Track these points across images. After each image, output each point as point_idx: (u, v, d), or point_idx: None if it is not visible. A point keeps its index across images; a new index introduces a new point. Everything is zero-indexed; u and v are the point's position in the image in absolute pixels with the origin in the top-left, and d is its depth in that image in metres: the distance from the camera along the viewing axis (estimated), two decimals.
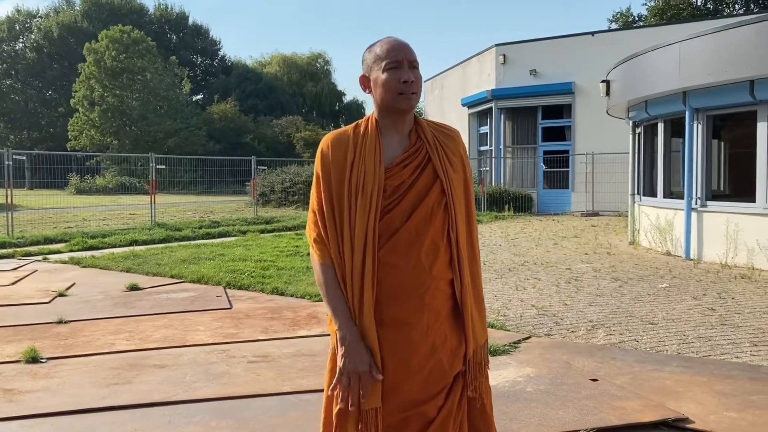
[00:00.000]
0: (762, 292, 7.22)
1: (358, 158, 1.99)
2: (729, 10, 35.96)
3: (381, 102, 2.03)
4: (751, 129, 8.88)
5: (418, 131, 2.07)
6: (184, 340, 5.37)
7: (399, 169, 2.00)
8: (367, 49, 2.09)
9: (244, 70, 61.13)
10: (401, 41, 2.04)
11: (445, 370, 1.98)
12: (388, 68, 1.98)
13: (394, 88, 1.97)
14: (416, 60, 2.02)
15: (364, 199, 1.95)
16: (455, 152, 2.09)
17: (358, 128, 2.06)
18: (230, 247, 11.49)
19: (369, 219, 1.94)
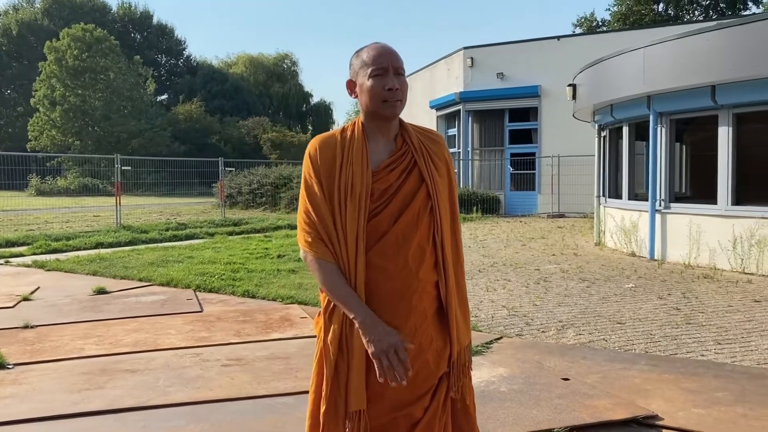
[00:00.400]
0: (724, 292, 7.42)
1: (346, 162, 2.01)
2: (689, 16, 36.87)
3: (366, 108, 2.05)
4: (713, 133, 9.13)
5: (404, 136, 2.09)
6: (155, 344, 5.30)
7: (386, 173, 2.02)
8: (355, 54, 2.10)
9: (210, 71, 60.49)
10: (388, 48, 2.05)
11: (432, 371, 2.02)
12: (373, 75, 1.99)
13: (378, 95, 1.99)
14: (402, 67, 2.04)
15: (353, 203, 1.96)
16: (440, 157, 2.13)
17: (345, 132, 2.08)
18: (199, 249, 11.37)
19: (358, 222, 1.96)
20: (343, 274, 1.96)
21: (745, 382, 4.37)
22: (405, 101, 2.04)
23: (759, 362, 4.85)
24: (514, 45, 21.89)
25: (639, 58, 9.80)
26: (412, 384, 1.96)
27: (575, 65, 14.22)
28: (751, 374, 4.54)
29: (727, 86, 8.61)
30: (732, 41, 8.46)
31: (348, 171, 1.99)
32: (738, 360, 4.91)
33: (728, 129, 8.88)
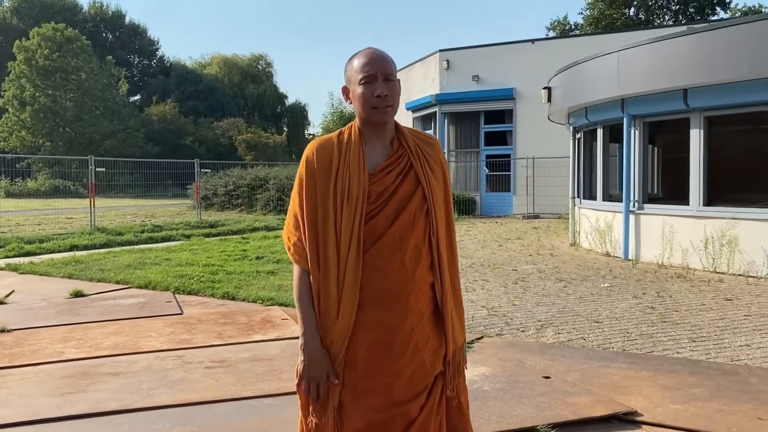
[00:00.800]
0: (696, 291, 7.59)
1: (343, 165, 2.04)
2: (659, 20, 37.52)
3: (359, 114, 2.09)
4: (685, 135, 9.33)
5: (400, 139, 2.13)
6: (136, 346, 5.27)
7: (382, 176, 2.06)
8: (348, 61, 2.13)
9: (184, 71, 59.90)
10: (378, 54, 2.07)
11: (427, 370, 2.06)
12: (362, 82, 2.03)
13: (368, 102, 2.02)
14: (392, 73, 2.06)
15: (350, 205, 2.00)
16: (436, 160, 2.17)
17: (342, 136, 2.12)
18: (176, 251, 11.29)
19: (355, 224, 1.99)
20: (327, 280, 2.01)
21: (719, 378, 4.49)
22: (397, 106, 2.07)
23: (732, 359, 4.98)
24: (490, 48, 22.09)
25: (613, 62, 9.98)
26: (408, 383, 2.01)
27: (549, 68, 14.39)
28: (725, 371, 4.67)
29: (698, 90, 8.81)
30: (703, 46, 8.66)
31: (345, 174, 2.03)
32: (712, 357, 5.04)
33: (700, 132, 9.09)
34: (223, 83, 60.44)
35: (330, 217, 2.02)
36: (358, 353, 2.01)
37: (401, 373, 2.00)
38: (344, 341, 2.00)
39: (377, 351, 2.00)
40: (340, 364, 2.01)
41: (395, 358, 2.00)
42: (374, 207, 2.03)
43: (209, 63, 64.13)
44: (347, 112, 30.86)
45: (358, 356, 2.01)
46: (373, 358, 2.00)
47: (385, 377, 2.00)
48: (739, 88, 8.32)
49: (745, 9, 36.76)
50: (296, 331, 5.76)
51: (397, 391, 2.00)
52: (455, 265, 2.19)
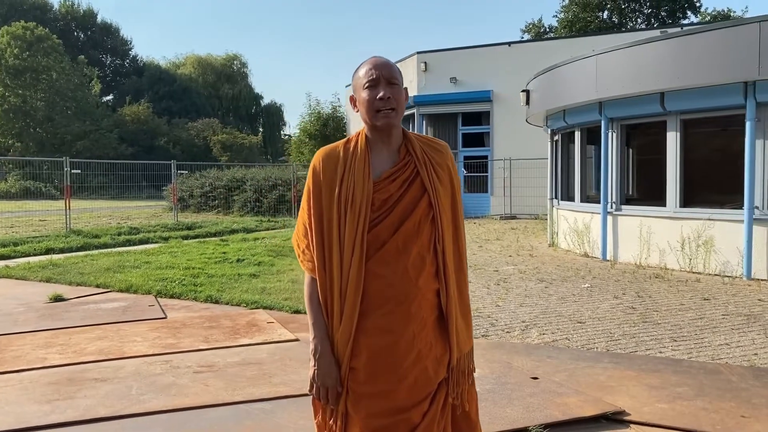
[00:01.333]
0: (675, 291, 7.74)
1: (348, 173, 2.06)
2: (632, 23, 38.10)
3: (364, 120, 2.11)
4: (662, 138, 9.49)
5: (407, 146, 2.14)
6: (121, 351, 5.22)
7: (387, 183, 2.07)
8: (355, 71, 2.16)
9: (157, 71, 59.29)
10: (381, 59, 2.10)
11: (430, 377, 2.06)
12: (366, 86, 2.06)
13: (371, 105, 2.04)
14: (395, 77, 2.07)
15: (353, 213, 2.02)
16: (443, 166, 2.17)
17: (349, 144, 2.14)
18: (155, 254, 11.18)
19: (357, 232, 2.01)
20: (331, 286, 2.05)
21: (702, 377, 4.59)
22: (402, 111, 2.09)
23: (713, 358, 5.09)
24: (467, 50, 22.23)
25: (591, 66, 10.12)
26: (411, 390, 2.02)
27: (526, 71, 14.56)
28: (707, 369, 4.77)
29: (675, 93, 8.97)
30: (680, 50, 8.83)
31: (349, 182, 2.05)
32: (694, 356, 5.14)
33: (676, 134, 9.26)
34: (198, 83, 59.95)
35: (334, 225, 2.05)
36: (360, 359, 2.03)
37: (404, 379, 2.02)
38: (346, 347, 2.02)
39: (379, 357, 2.02)
40: (345, 371, 2.03)
41: (397, 364, 2.02)
42: (378, 215, 2.05)
43: (183, 63, 63.54)
44: (325, 113, 30.77)
45: (360, 362, 2.03)
46: (375, 365, 2.02)
47: (387, 383, 2.01)
48: (714, 91, 8.50)
49: (714, 13, 37.51)
50: (283, 335, 5.77)
51: (399, 398, 2.01)
52: (463, 272, 2.19)
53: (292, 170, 22.06)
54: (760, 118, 8.28)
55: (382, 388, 2.01)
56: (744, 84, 8.18)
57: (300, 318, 6.49)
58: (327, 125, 30.30)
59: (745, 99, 8.21)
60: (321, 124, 30.29)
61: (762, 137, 8.31)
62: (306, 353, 5.12)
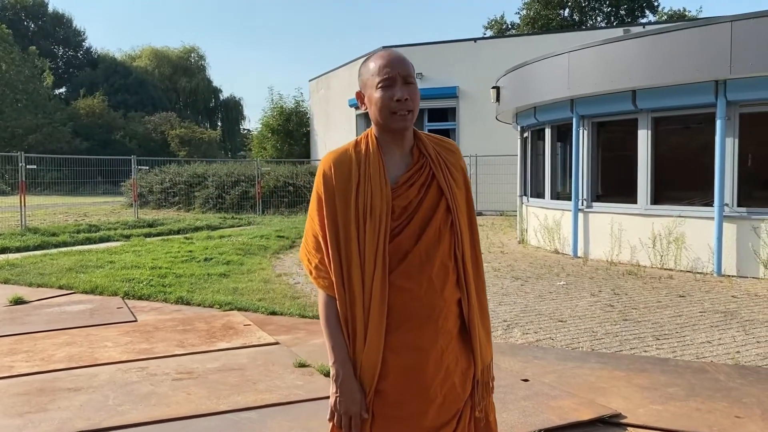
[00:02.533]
0: (650, 288, 7.80)
1: (363, 179, 1.91)
2: (592, 21, 38.69)
3: (376, 121, 1.96)
4: (633, 135, 9.57)
5: (419, 147, 2.01)
6: (93, 358, 4.97)
7: (405, 189, 1.93)
8: (363, 63, 2.00)
9: (112, 64, 57.65)
10: (396, 55, 1.95)
11: (458, 393, 1.96)
12: (380, 86, 1.90)
13: (387, 107, 1.90)
14: (411, 75, 1.94)
15: (373, 223, 1.88)
16: (457, 167, 2.06)
17: (359, 146, 1.98)
18: (118, 253, 10.80)
19: (379, 243, 1.87)
20: (353, 303, 1.90)
21: (690, 376, 4.59)
22: (417, 111, 1.95)
23: (697, 356, 5.10)
24: (432, 46, 22.19)
25: (563, 63, 10.14)
26: (440, 409, 1.91)
27: (491, 67, 14.57)
28: (693, 368, 4.77)
29: (646, 91, 9.04)
30: (651, 49, 8.89)
31: (366, 189, 1.90)
32: (678, 355, 5.15)
33: (647, 132, 9.34)
34: (154, 76, 58.58)
35: (352, 237, 1.89)
36: (388, 381, 1.89)
37: (434, 399, 1.90)
38: (375, 371, 1.88)
39: (409, 377, 1.89)
40: (371, 394, 1.89)
41: (428, 383, 1.89)
42: (398, 223, 1.91)
43: (139, 55, 61.98)
44: (288, 108, 30.35)
45: (389, 384, 1.89)
46: (405, 385, 1.89)
47: (417, 404, 1.89)
48: (686, 90, 8.59)
49: (670, 12, 38.34)
50: (262, 338, 5.58)
51: (429, 419, 1.89)
52: (481, 278, 2.08)
53: (255, 166, 21.69)
54: (730, 117, 8.40)
55: (413, 410, 1.88)
56: (715, 83, 8.28)
57: (277, 320, 6.32)
58: (290, 120, 29.92)
59: (716, 97, 8.32)
60: (284, 119, 29.89)
61: (732, 135, 8.44)
62: (289, 357, 4.99)
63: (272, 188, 20.93)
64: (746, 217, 8.35)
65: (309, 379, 4.46)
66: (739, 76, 8.01)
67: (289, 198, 20.71)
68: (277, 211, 20.33)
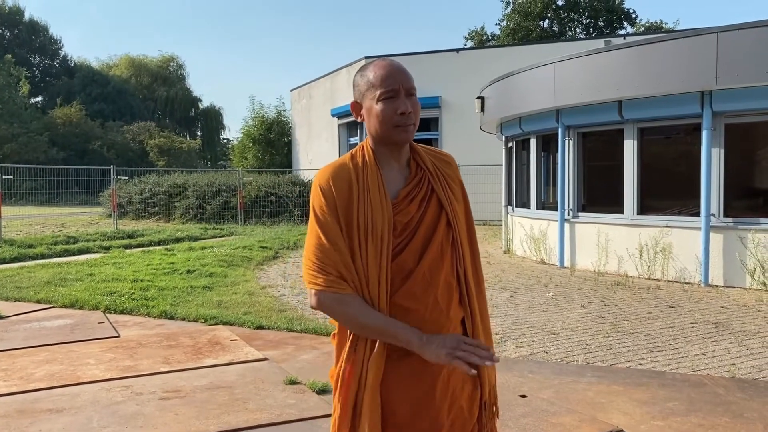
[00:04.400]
0: (639, 299, 7.76)
1: (363, 193, 1.81)
2: (571, 33, 39.06)
3: (375, 133, 1.87)
4: (619, 145, 9.58)
5: (416, 160, 1.93)
6: (75, 377, 4.78)
7: (406, 204, 1.85)
8: (359, 73, 1.91)
9: (90, 72, 57.00)
10: (397, 66, 1.87)
11: (466, 418, 1.88)
12: (382, 98, 1.81)
13: (389, 120, 1.81)
14: (414, 87, 1.87)
15: (375, 240, 1.78)
16: (455, 180, 1.98)
17: (355, 159, 1.88)
18: (98, 265, 10.55)
19: (381, 262, 1.77)
20: None
21: (689, 390, 4.53)
22: (418, 123, 1.87)
23: (693, 369, 5.05)
24: (415, 56, 22.18)
25: (549, 73, 10.14)
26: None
27: (474, 77, 14.57)
28: (691, 382, 4.71)
29: (632, 102, 9.06)
30: (638, 60, 8.92)
31: (366, 204, 1.80)
32: (674, 367, 5.09)
33: (633, 142, 9.35)
34: (132, 85, 58.08)
35: (356, 256, 1.78)
36: (395, 409, 1.80)
37: (442, 425, 1.81)
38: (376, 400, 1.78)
39: (417, 404, 1.80)
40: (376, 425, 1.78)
41: (436, 410, 1.81)
42: (401, 240, 1.82)
43: (117, 64, 61.42)
44: (269, 118, 30.16)
45: (396, 412, 1.80)
46: (412, 413, 1.80)
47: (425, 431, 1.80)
48: (672, 100, 8.61)
49: (648, 24, 38.85)
50: (249, 354, 5.43)
51: None
52: (482, 294, 1.99)
53: (237, 176, 21.46)
54: (716, 127, 8.43)
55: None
56: (701, 93, 8.31)
57: (264, 334, 6.16)
58: (271, 130, 29.73)
59: (702, 108, 8.35)
60: (265, 128, 29.70)
61: (718, 146, 8.47)
62: (279, 374, 4.84)
63: (254, 198, 20.71)
64: (733, 227, 8.37)
65: (301, 398, 4.33)
66: (724, 87, 8.05)
67: (271, 208, 20.50)
68: (259, 222, 20.10)
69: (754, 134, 8.88)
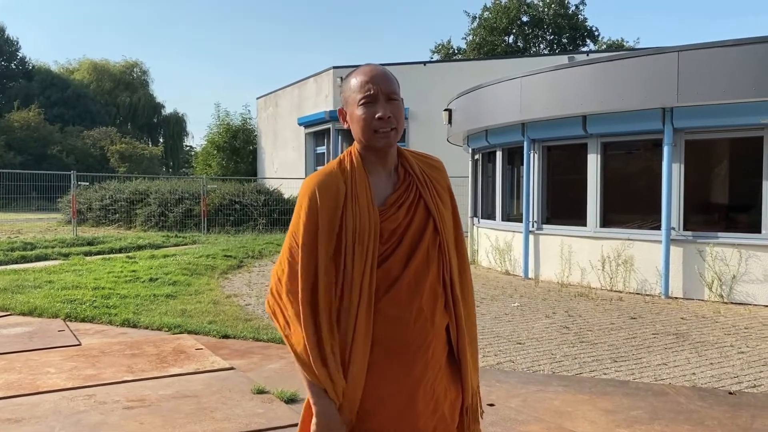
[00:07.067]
0: (602, 310, 7.90)
1: (350, 200, 1.82)
2: (535, 48, 39.78)
3: (358, 139, 1.88)
4: (583, 159, 9.76)
5: (404, 165, 1.93)
6: (35, 385, 4.65)
7: (394, 210, 1.85)
8: (344, 79, 1.93)
9: (49, 76, 55.79)
10: (378, 70, 1.88)
11: (448, 424, 1.89)
12: (361, 103, 1.83)
13: (369, 125, 1.82)
14: (395, 91, 1.87)
15: (362, 247, 1.78)
16: (443, 186, 1.99)
17: (343, 165, 1.88)
18: (57, 272, 10.29)
19: (366, 269, 1.78)
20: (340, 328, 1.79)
21: (652, 399, 4.62)
22: (401, 129, 1.88)
23: (656, 378, 5.15)
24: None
25: (516, 87, 10.30)
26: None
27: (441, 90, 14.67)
28: (654, 391, 4.81)
29: (596, 117, 9.25)
30: (602, 76, 9.13)
31: (354, 211, 1.81)
32: (637, 377, 5.19)
33: (597, 156, 9.54)
34: (94, 90, 57.05)
35: (340, 262, 1.79)
36: (376, 415, 1.79)
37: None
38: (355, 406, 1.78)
39: (399, 413, 1.79)
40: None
41: (418, 416, 1.80)
42: (387, 247, 1.82)
43: (77, 68, 60.26)
44: (234, 126, 29.88)
45: (377, 418, 1.79)
46: (395, 419, 1.79)
47: None
48: (634, 116, 8.82)
49: (609, 42, 39.81)
50: (215, 363, 5.36)
51: None
52: (469, 301, 1.99)
53: (201, 183, 21.19)
54: (677, 143, 8.66)
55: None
56: (662, 110, 8.53)
57: (230, 343, 6.09)
58: (236, 137, 29.48)
59: (663, 124, 8.57)
60: (230, 135, 29.43)
61: (678, 161, 8.70)
62: (246, 383, 4.79)
63: (218, 206, 20.47)
64: (692, 240, 8.59)
65: (269, 407, 4.28)
66: (685, 104, 8.28)
67: (235, 216, 20.28)
68: (222, 230, 19.86)
69: (712, 151, 9.15)
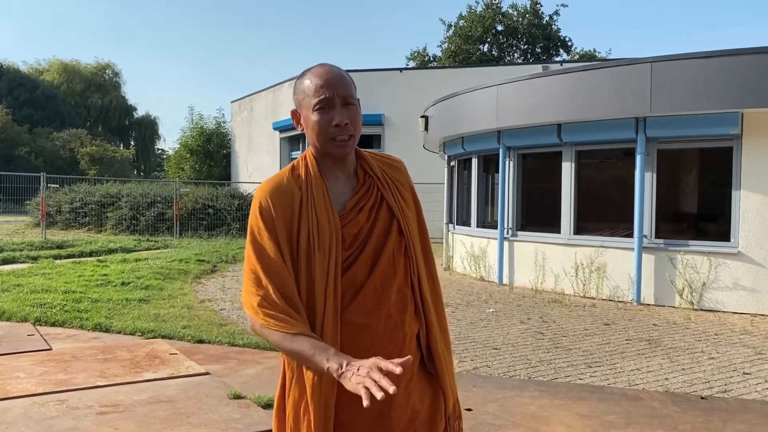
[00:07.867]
0: (576, 316, 7.98)
1: (306, 207, 1.74)
2: (510, 57, 40.18)
3: (314, 145, 1.80)
4: (557, 167, 9.88)
5: (364, 167, 1.85)
6: (4, 391, 4.55)
7: (354, 214, 1.78)
8: (297, 79, 1.82)
9: (17, 76, 54.74)
10: (334, 72, 1.76)
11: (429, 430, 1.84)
12: (317, 108, 1.72)
13: (324, 132, 1.73)
14: (352, 95, 1.76)
15: (323, 255, 1.70)
16: (405, 186, 1.93)
17: (297, 171, 1.80)
18: (25, 276, 10.09)
19: (329, 277, 1.70)
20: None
21: (626, 404, 4.68)
22: (358, 135, 1.79)
23: (630, 384, 5.22)
24: (359, 73, 22.24)
25: (492, 95, 10.38)
26: None
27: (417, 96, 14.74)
28: (628, 396, 4.87)
29: (571, 125, 9.37)
30: (577, 85, 9.26)
31: (311, 217, 1.73)
32: (612, 382, 5.25)
33: (571, 164, 9.66)
34: (64, 91, 56.15)
35: (302, 273, 1.71)
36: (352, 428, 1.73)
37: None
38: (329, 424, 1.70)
39: (375, 421, 1.73)
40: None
41: (392, 426, 1.74)
42: (351, 252, 1.75)
43: (47, 69, 59.25)
44: (208, 129, 29.66)
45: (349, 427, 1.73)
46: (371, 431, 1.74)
47: None
48: (608, 125, 8.96)
49: (582, 52, 40.37)
50: (191, 368, 5.29)
51: None
52: (440, 303, 1.93)
53: (174, 187, 20.96)
54: (649, 152, 8.81)
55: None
56: (636, 119, 8.68)
57: (205, 348, 6.03)
58: (210, 141, 29.24)
59: (636, 134, 8.71)
60: (204, 139, 29.18)
61: (651, 170, 8.84)
62: (222, 388, 4.73)
63: (191, 210, 20.27)
64: (663, 248, 8.74)
65: (246, 412, 4.24)
66: (658, 114, 8.43)
67: (208, 220, 20.10)
68: (195, 234, 19.67)
69: (684, 160, 9.33)
